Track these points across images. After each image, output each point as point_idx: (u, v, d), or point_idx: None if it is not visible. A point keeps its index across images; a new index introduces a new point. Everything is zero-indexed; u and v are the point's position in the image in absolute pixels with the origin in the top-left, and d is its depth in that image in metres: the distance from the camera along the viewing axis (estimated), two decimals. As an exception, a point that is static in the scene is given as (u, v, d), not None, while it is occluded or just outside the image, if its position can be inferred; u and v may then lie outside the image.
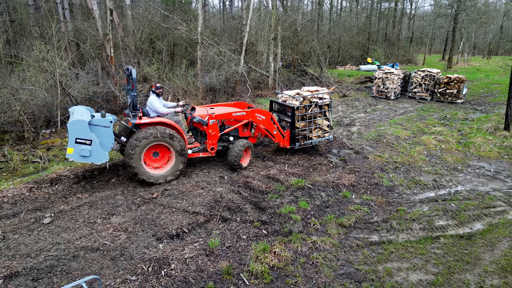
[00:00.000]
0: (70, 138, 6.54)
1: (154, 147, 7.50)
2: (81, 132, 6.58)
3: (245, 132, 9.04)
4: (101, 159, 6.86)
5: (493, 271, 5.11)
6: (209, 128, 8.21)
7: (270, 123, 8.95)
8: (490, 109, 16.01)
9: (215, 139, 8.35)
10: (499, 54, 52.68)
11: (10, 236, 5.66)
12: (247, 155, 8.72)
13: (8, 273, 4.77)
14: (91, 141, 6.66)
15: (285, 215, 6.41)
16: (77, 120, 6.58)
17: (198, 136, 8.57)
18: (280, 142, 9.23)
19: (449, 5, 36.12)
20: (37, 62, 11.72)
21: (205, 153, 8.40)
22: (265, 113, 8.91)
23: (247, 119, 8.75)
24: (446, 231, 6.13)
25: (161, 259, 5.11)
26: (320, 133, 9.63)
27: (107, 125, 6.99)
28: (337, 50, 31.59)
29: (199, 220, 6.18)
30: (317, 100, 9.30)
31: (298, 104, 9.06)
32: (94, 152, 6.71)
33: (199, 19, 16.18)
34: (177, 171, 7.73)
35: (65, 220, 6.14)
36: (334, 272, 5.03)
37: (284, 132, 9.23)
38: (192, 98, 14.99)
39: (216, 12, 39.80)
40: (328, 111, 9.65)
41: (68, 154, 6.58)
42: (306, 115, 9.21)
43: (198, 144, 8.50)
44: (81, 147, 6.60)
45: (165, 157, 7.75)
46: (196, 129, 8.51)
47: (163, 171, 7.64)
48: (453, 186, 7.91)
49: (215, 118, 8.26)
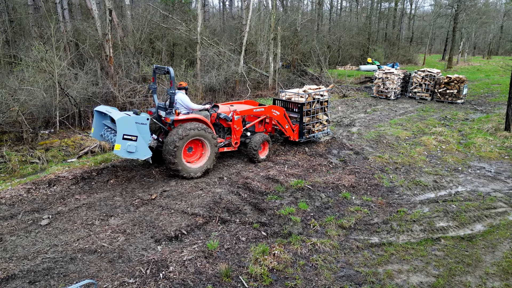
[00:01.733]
0: (118, 135, 6.68)
1: (190, 142, 7.77)
2: (128, 129, 6.74)
3: (259, 128, 9.56)
4: (145, 154, 7.02)
5: (494, 273, 5.06)
6: (234, 124, 8.64)
7: (283, 118, 9.60)
8: (490, 109, 15.97)
9: (239, 134, 8.81)
10: (499, 54, 52.66)
11: (7, 238, 5.62)
12: (265, 148, 9.26)
13: (4, 275, 4.71)
14: (137, 137, 6.82)
15: (284, 217, 6.36)
16: (126, 116, 6.79)
17: (221, 132, 8.89)
18: (290, 135, 9.91)
19: (449, 5, 36.08)
20: (36, 62, 11.68)
21: (229, 147, 8.79)
22: (279, 109, 9.54)
23: (265, 114, 9.34)
24: (446, 233, 6.08)
25: (159, 261, 5.06)
26: (320, 127, 10.56)
27: (145, 122, 7.11)
28: (337, 50, 31.55)
29: (198, 221, 6.14)
30: (319, 97, 10.19)
31: (304, 100, 9.85)
32: (139, 148, 6.86)
33: (199, 19, 16.14)
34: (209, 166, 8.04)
35: (63, 222, 6.09)
36: (334, 274, 4.98)
37: (293, 126, 9.87)
38: (192, 98, 14.93)
39: (216, 12, 39.77)
40: (326, 107, 10.63)
41: (115, 151, 6.70)
42: (310, 111, 10.03)
43: (222, 139, 8.80)
44: (128, 143, 6.74)
45: (198, 152, 8.05)
46: (219, 125, 8.82)
47: (196, 165, 7.92)
48: (453, 187, 7.87)
49: (239, 114, 8.73)
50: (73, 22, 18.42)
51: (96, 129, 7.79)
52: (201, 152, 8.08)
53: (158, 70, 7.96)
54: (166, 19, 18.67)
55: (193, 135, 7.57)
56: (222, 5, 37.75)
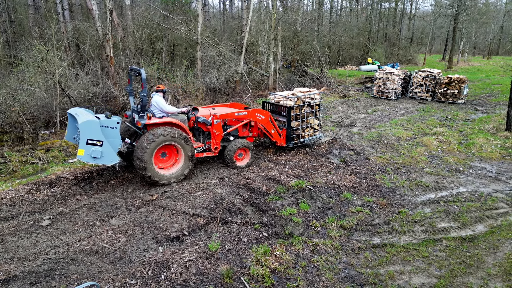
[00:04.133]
0: (81, 139, 6.42)
1: (163, 147, 7.48)
2: (93, 133, 6.47)
3: (244, 132, 9.16)
4: (112, 160, 6.77)
5: (496, 274, 5.06)
6: (214, 128, 8.31)
7: (269, 123, 9.21)
8: (491, 109, 15.95)
9: (219, 139, 8.45)
10: (500, 54, 52.63)
11: (8, 239, 5.61)
12: (246, 155, 8.84)
13: (6, 276, 4.71)
14: (102, 142, 6.56)
15: (286, 217, 6.35)
16: (90, 120, 6.49)
17: (201, 136, 8.58)
18: (277, 140, 9.49)
19: (450, 5, 36.05)
20: (37, 62, 11.66)
21: (209, 152, 8.47)
22: (264, 113, 9.16)
23: (248, 118, 8.94)
24: (448, 234, 6.07)
25: (160, 262, 5.05)
26: (311, 132, 10.09)
27: (114, 126, 6.85)
28: (337, 50, 31.54)
29: (199, 222, 6.13)
30: (309, 100, 9.75)
31: (293, 104, 9.39)
32: (105, 153, 6.62)
33: (199, 19, 16.13)
34: (184, 172, 7.76)
35: (64, 223, 6.09)
36: (335, 275, 4.97)
37: (280, 131, 9.46)
38: (192, 99, 14.93)
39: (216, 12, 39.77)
40: (318, 111, 10.16)
41: (79, 156, 6.44)
42: (300, 115, 9.59)
43: (202, 144, 8.49)
44: (92, 148, 6.47)
45: (173, 158, 7.76)
46: (198, 129, 8.53)
47: (170, 171, 7.65)
48: (454, 188, 7.86)
49: (219, 118, 8.38)
50: (74, 22, 18.42)
51: (69, 131, 7.43)
52: (175, 158, 7.74)
53: (131, 71, 7.66)
54: (167, 19, 18.66)
55: (164, 140, 7.23)
56: (222, 5, 37.76)
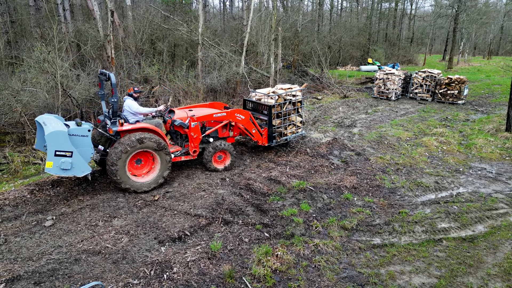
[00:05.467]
0: (49, 151, 6.09)
1: (137, 154, 7.19)
2: (61, 144, 6.13)
3: (224, 133, 8.93)
4: (83, 171, 6.47)
5: (496, 274, 5.10)
6: (191, 131, 8.05)
7: (249, 123, 8.97)
8: (491, 110, 15.99)
9: (197, 142, 8.20)
10: (500, 54, 52.65)
11: (11, 239, 5.66)
12: (226, 158, 8.64)
13: (10, 276, 4.75)
14: (72, 153, 6.23)
15: (287, 218, 6.40)
16: (56, 131, 6.14)
17: (179, 140, 8.33)
18: (258, 140, 9.29)
19: (450, 6, 36.07)
20: (38, 63, 11.70)
21: (188, 156, 8.23)
22: (244, 113, 8.91)
23: (228, 119, 8.69)
24: (448, 234, 6.11)
25: (163, 262, 5.10)
26: (294, 129, 9.93)
27: (85, 134, 6.53)
28: (337, 51, 31.57)
29: (201, 222, 6.17)
30: (291, 98, 9.56)
31: (274, 102, 9.18)
32: (75, 164, 6.29)
33: (200, 20, 16.17)
34: (161, 179, 7.42)
35: (67, 223, 6.13)
36: (336, 275, 5.01)
37: (261, 130, 9.26)
38: (193, 99, 14.97)
39: (217, 12, 39.79)
40: (300, 108, 9.99)
41: (47, 169, 6.14)
42: (281, 113, 9.39)
43: (180, 147, 8.26)
44: (62, 160, 6.16)
45: (149, 164, 7.44)
46: (176, 133, 8.29)
47: (146, 179, 7.33)
48: (455, 188, 7.90)
49: (196, 120, 8.11)
50: (75, 23, 18.47)
51: (38, 140, 6.98)
52: (151, 165, 7.43)
53: (101, 75, 7.34)
54: (167, 20, 18.71)
55: (138, 147, 6.94)
56: (222, 5, 37.82)
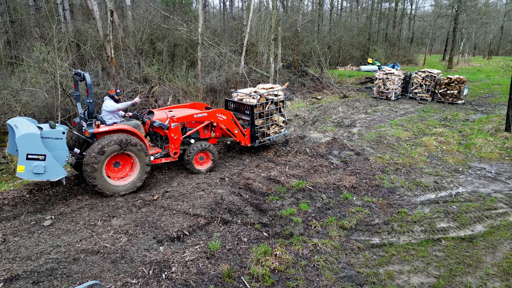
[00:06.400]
0: (20, 155, 5.87)
1: (115, 157, 7.03)
2: (33, 147, 5.90)
3: (205, 134, 8.77)
4: (58, 174, 6.24)
5: (495, 274, 5.09)
6: (171, 132, 7.88)
7: (231, 123, 8.85)
8: (491, 110, 15.99)
9: (178, 143, 8.02)
10: (500, 54, 52.66)
11: (10, 238, 5.66)
12: (208, 159, 8.49)
13: (8, 276, 4.75)
14: (45, 156, 6.00)
15: (286, 217, 6.40)
16: (28, 133, 5.91)
17: (158, 141, 8.17)
18: (241, 141, 9.17)
19: (450, 6, 36.08)
20: (38, 63, 11.71)
21: (168, 158, 8.07)
22: (226, 113, 8.78)
23: (209, 120, 8.54)
24: (447, 233, 6.11)
25: (161, 262, 5.09)
26: (276, 129, 9.92)
27: (60, 137, 6.32)
28: (337, 51, 31.58)
29: (200, 222, 6.17)
30: (273, 97, 9.54)
31: (256, 102, 9.13)
32: (49, 167, 6.07)
33: (200, 20, 16.17)
34: (141, 181, 7.26)
35: (66, 223, 6.13)
36: (335, 275, 5.01)
37: (244, 130, 9.16)
38: (193, 99, 14.97)
39: (217, 12, 39.80)
40: (283, 107, 10.00)
41: (18, 173, 5.90)
42: (264, 113, 9.36)
43: (160, 149, 8.07)
44: (34, 164, 5.92)
45: (127, 166, 7.27)
46: (155, 134, 8.12)
47: (125, 182, 7.15)
48: (454, 188, 7.90)
49: (177, 121, 7.94)
50: (75, 23, 18.47)
51: (11, 144, 6.75)
52: (130, 167, 7.25)
53: (76, 76, 7.06)
54: (167, 20, 18.71)
55: (115, 150, 6.75)
56: (222, 5, 37.83)
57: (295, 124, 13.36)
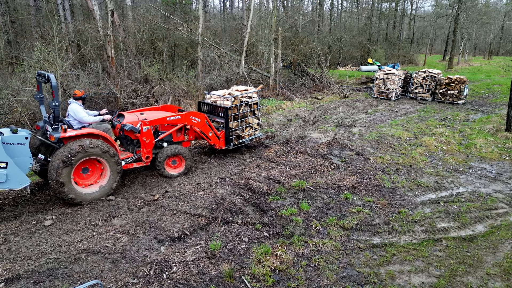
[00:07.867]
0: None
1: (83, 163, 6.67)
2: None
3: (179, 137, 8.54)
4: (21, 183, 5.98)
5: (496, 274, 5.09)
6: (143, 136, 7.56)
7: (205, 125, 8.66)
8: (491, 110, 15.99)
9: (150, 147, 7.70)
10: (500, 54, 52.69)
11: (11, 238, 5.66)
12: (181, 162, 8.26)
13: (9, 276, 4.76)
14: (7, 163, 5.72)
15: (286, 217, 6.40)
16: None
17: (129, 145, 7.86)
18: (215, 143, 9.01)
19: (450, 6, 36.09)
20: (38, 63, 11.72)
21: (140, 163, 7.76)
22: (200, 116, 8.55)
23: (182, 122, 8.30)
24: (448, 233, 6.11)
25: (162, 261, 5.09)
26: (251, 132, 9.84)
27: (22, 142, 5.99)
28: (337, 51, 31.58)
29: (201, 222, 6.17)
30: (247, 99, 9.48)
31: (230, 104, 9.02)
32: (11, 175, 5.78)
33: (200, 20, 16.18)
34: (112, 187, 6.97)
35: (66, 223, 6.14)
36: (336, 274, 5.01)
37: (218, 133, 9.01)
38: (193, 99, 14.98)
39: (217, 12, 39.82)
40: (257, 110, 9.91)
41: None
42: (238, 115, 9.27)
43: (131, 154, 7.77)
44: None
45: (97, 172, 6.95)
46: (126, 138, 7.81)
47: (95, 188, 6.86)
48: (454, 188, 7.89)
49: (149, 124, 7.63)
50: (75, 23, 18.49)
51: None
52: (100, 173, 6.92)
53: (39, 77, 6.65)
54: (168, 20, 18.72)
55: (83, 156, 6.40)
56: (222, 5, 37.83)
57: (296, 124, 13.37)
